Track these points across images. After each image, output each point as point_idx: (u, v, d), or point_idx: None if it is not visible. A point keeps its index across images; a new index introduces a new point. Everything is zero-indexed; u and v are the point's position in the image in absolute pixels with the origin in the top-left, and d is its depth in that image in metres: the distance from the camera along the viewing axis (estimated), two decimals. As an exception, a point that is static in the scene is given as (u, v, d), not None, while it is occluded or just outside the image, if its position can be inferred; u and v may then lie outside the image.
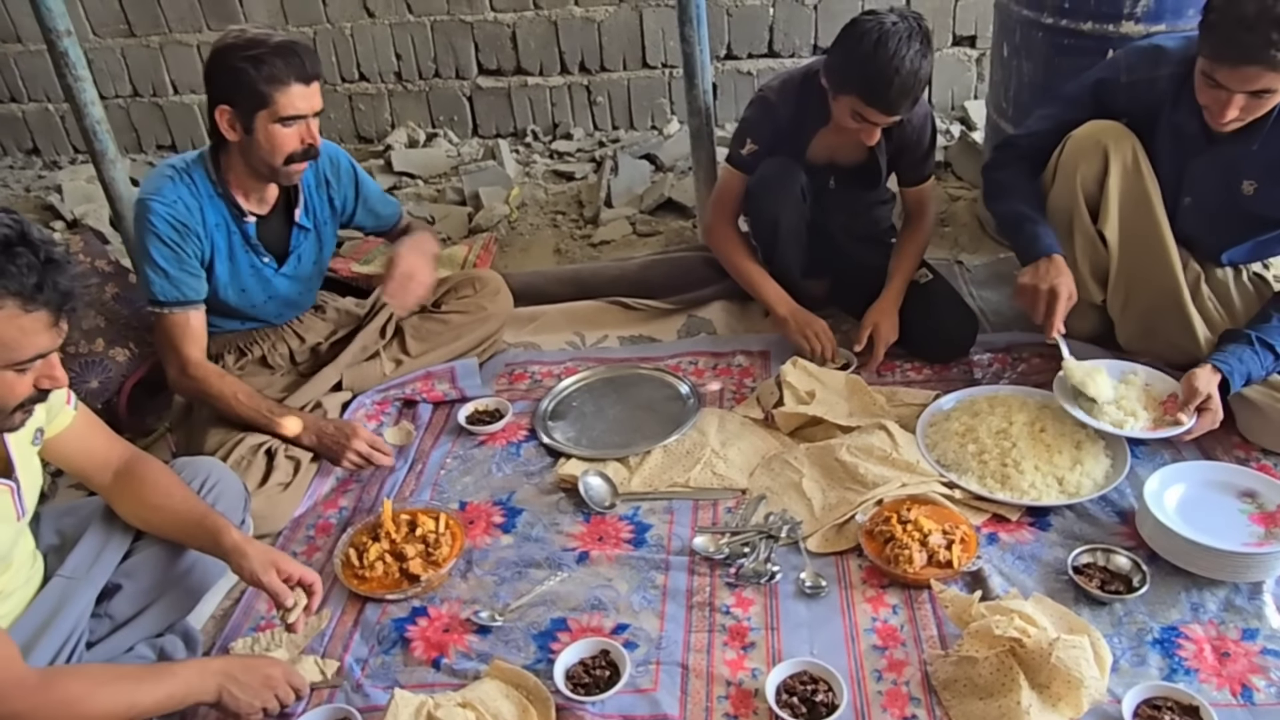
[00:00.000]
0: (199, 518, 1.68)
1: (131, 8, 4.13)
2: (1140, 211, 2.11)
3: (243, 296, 2.26)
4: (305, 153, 2.07)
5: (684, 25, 2.58)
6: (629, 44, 4.00)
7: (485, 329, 2.58)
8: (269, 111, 2.00)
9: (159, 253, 2.08)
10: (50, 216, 3.89)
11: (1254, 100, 1.83)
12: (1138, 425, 1.98)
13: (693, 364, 2.55)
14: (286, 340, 2.41)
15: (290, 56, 1.99)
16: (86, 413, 1.70)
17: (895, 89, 2.09)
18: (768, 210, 2.46)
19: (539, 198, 3.66)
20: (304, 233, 2.29)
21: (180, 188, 2.09)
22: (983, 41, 3.82)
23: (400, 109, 4.25)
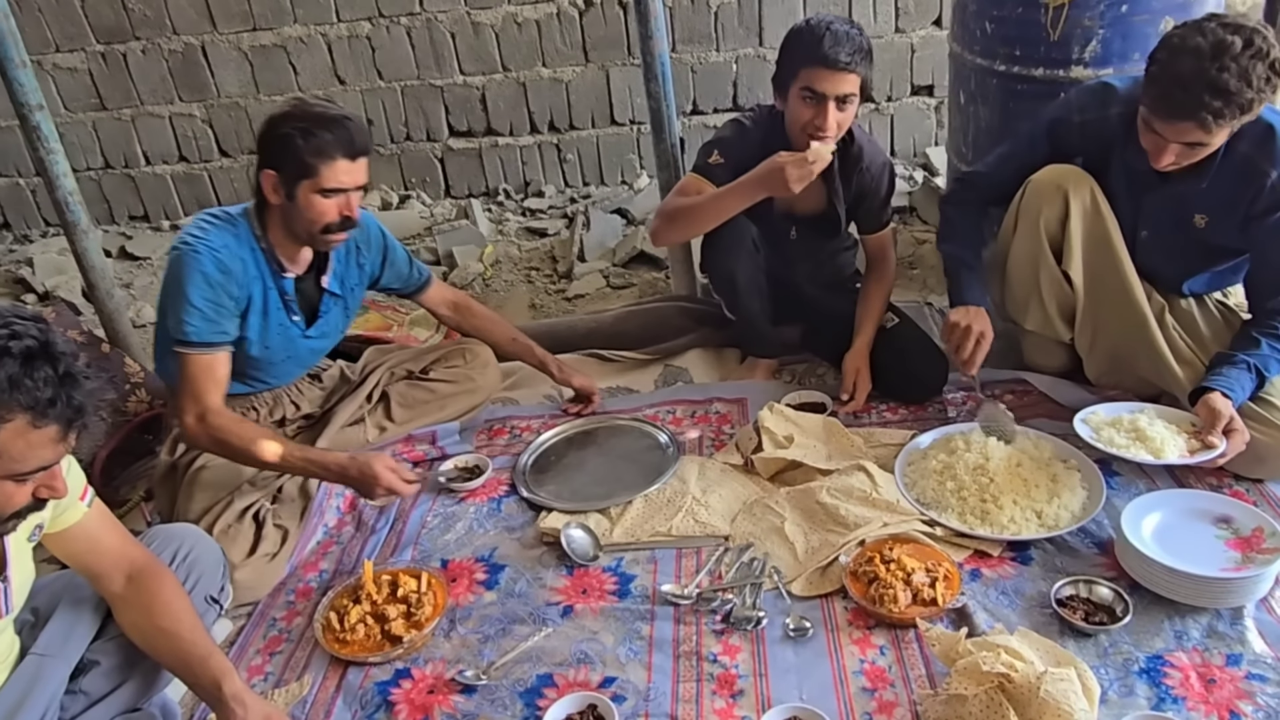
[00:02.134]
0: (203, 656, 1.60)
1: (103, 81, 4.16)
2: (1102, 250, 2.17)
3: (265, 353, 2.24)
4: (343, 224, 2.09)
5: (650, 82, 2.64)
6: (596, 102, 4.08)
7: (471, 400, 2.58)
8: (312, 182, 2.02)
9: (200, 292, 2.04)
10: (22, 290, 3.87)
11: (1189, 149, 1.91)
12: (1174, 453, 1.96)
13: (671, 413, 2.56)
14: (283, 406, 2.41)
15: (340, 131, 2.01)
16: (102, 510, 1.63)
17: (830, 40, 2.15)
18: (723, 265, 2.50)
19: (513, 255, 3.69)
20: (334, 299, 2.30)
21: (226, 235, 2.09)
22: (940, 90, 3.92)
23: (373, 172, 4.24)
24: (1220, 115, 1.79)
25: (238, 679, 1.59)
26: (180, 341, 2.06)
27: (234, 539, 2.05)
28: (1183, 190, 2.06)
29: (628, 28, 3.88)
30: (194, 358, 2.07)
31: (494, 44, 3.99)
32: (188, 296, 2.04)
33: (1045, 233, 2.19)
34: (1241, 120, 1.84)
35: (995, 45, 2.62)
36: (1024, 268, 2.26)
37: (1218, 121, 1.80)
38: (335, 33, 4.02)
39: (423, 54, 4.03)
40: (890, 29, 3.85)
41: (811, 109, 2.23)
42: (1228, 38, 1.78)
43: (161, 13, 4.01)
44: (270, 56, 4.07)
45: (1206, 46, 1.78)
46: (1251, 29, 1.80)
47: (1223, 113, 1.79)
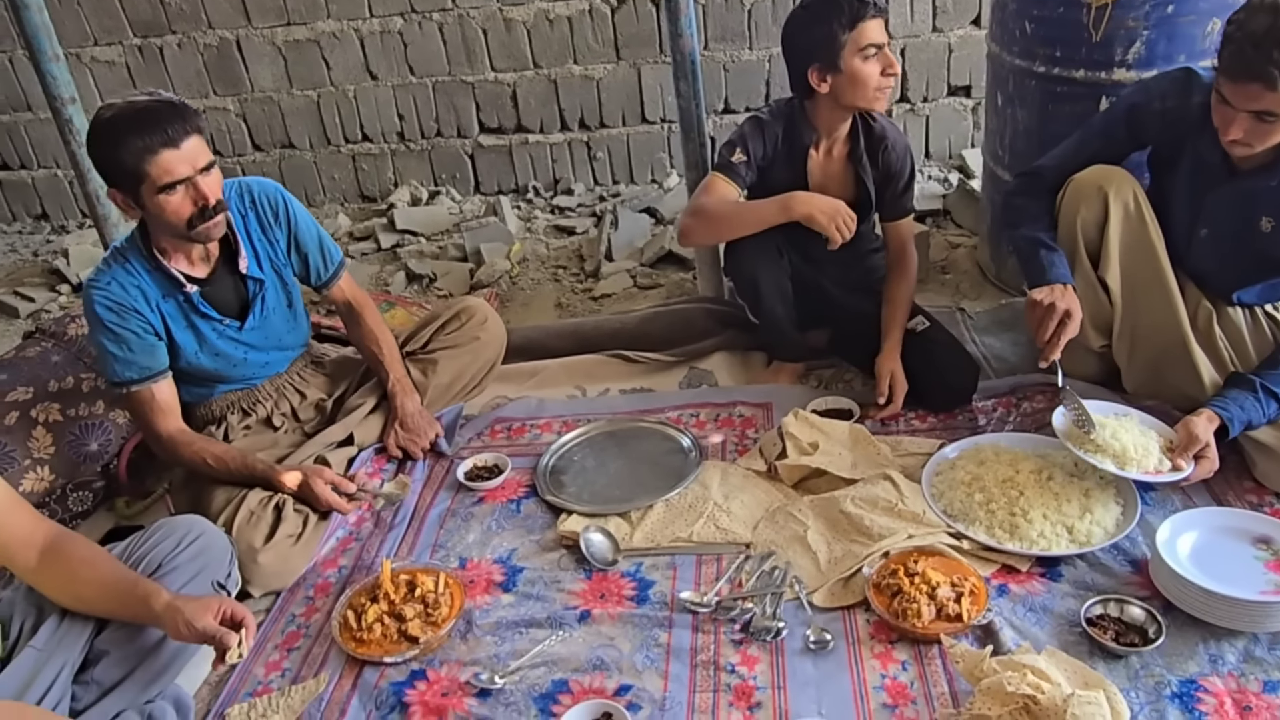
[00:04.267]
0: (130, 585, 1.63)
1: (139, 74, 4.20)
2: (1143, 258, 2.10)
3: (219, 360, 2.23)
4: (203, 212, 1.98)
5: (680, 81, 2.61)
6: (627, 100, 4.05)
7: (482, 358, 2.55)
8: (149, 185, 1.92)
9: (105, 337, 2.08)
10: (56, 280, 3.92)
11: (1259, 124, 1.81)
12: (1139, 469, 1.93)
13: (694, 416, 2.53)
14: (288, 397, 2.40)
15: (150, 125, 1.89)
16: (6, 489, 1.63)
17: None
18: (745, 269, 2.47)
19: (540, 253, 3.68)
20: (257, 283, 2.23)
21: (116, 269, 2.08)
22: (977, 91, 3.85)
23: (403, 168, 4.30)
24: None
25: (165, 592, 1.63)
26: (112, 383, 2.12)
27: (255, 525, 2.06)
28: (1252, 188, 1.97)
29: (660, 25, 3.85)
30: (130, 396, 2.13)
31: (525, 40, 3.98)
32: (99, 344, 2.09)
33: (1082, 236, 2.12)
34: None
35: (1035, 46, 2.55)
36: None
37: None
38: (368, 28, 4.02)
39: (454, 50, 4.03)
40: (928, 28, 3.79)
41: (876, 63, 2.24)
42: None
43: (197, 7, 4.03)
44: (303, 51, 4.09)
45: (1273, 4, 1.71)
46: None
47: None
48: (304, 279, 2.36)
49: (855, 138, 2.42)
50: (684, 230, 2.44)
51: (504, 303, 3.32)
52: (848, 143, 2.43)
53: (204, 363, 2.21)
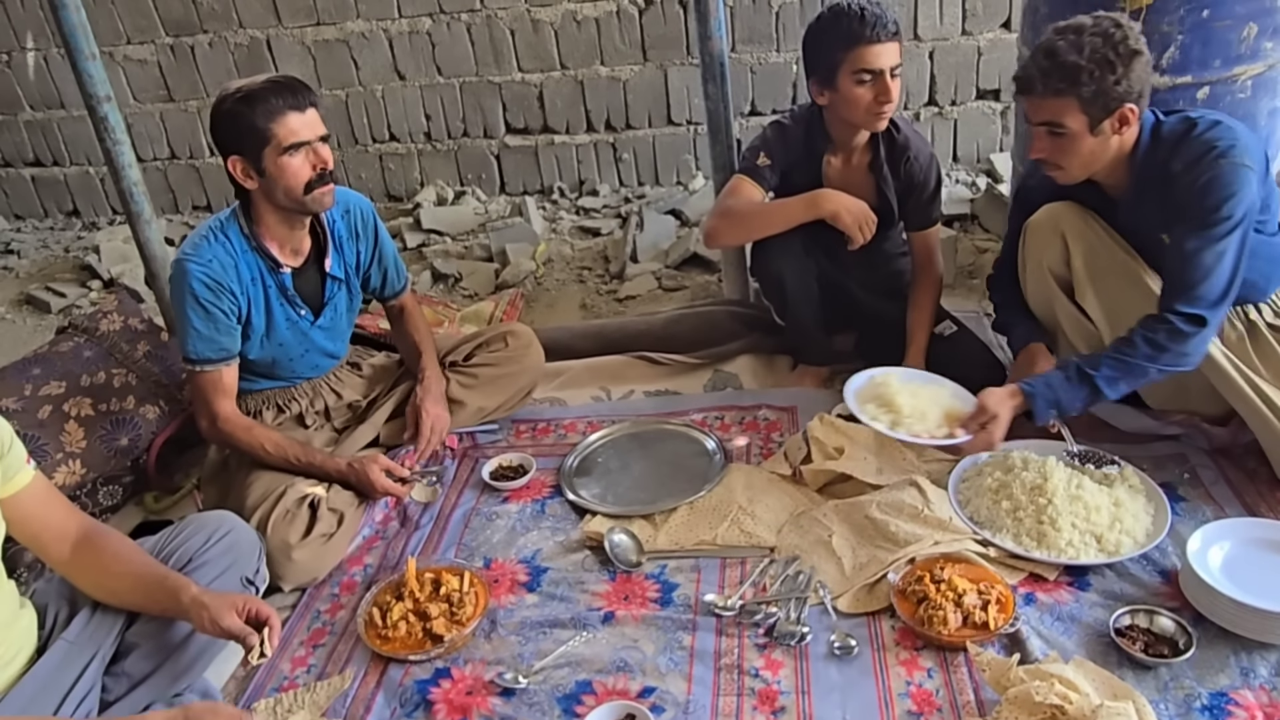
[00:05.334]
0: (159, 579, 1.65)
1: (171, 74, 4.25)
2: (1116, 278, 2.09)
3: (280, 350, 2.28)
4: (321, 177, 2.09)
5: (708, 83, 2.60)
6: (654, 102, 4.06)
7: (519, 383, 2.57)
8: (274, 146, 2.03)
9: (194, 312, 2.11)
10: (88, 276, 3.97)
11: (1054, 139, 1.90)
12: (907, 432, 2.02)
13: (719, 419, 2.53)
14: (324, 396, 2.43)
15: (281, 89, 2.02)
16: (44, 479, 1.66)
17: (867, 16, 2.18)
18: (772, 270, 2.48)
19: (565, 254, 3.69)
20: (337, 283, 2.32)
21: (215, 246, 2.13)
22: (1006, 95, 3.83)
23: (429, 168, 4.32)
24: (1047, 78, 1.81)
25: (193, 586, 1.65)
26: (186, 359, 2.15)
27: (291, 522, 2.09)
28: (1131, 208, 2.03)
29: (687, 27, 3.85)
30: (199, 374, 2.17)
31: (553, 42, 3.99)
32: (185, 318, 2.12)
33: (1052, 274, 2.18)
34: (1077, 92, 1.82)
35: (1067, 50, 2.53)
36: (1041, 309, 2.25)
37: (1045, 83, 1.81)
38: (396, 28, 4.05)
39: (482, 51, 4.05)
40: (957, 31, 3.77)
41: (870, 88, 2.24)
42: (1085, 20, 1.82)
43: (229, 6, 4.07)
44: (333, 50, 4.12)
45: (1067, 24, 1.84)
46: (1114, 19, 1.84)
47: (1049, 76, 1.81)
48: (376, 289, 2.46)
49: (876, 147, 2.40)
50: (710, 231, 2.46)
51: (529, 303, 3.33)
52: (868, 151, 2.42)
53: (264, 352, 2.26)
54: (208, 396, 2.18)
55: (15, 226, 4.66)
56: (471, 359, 2.54)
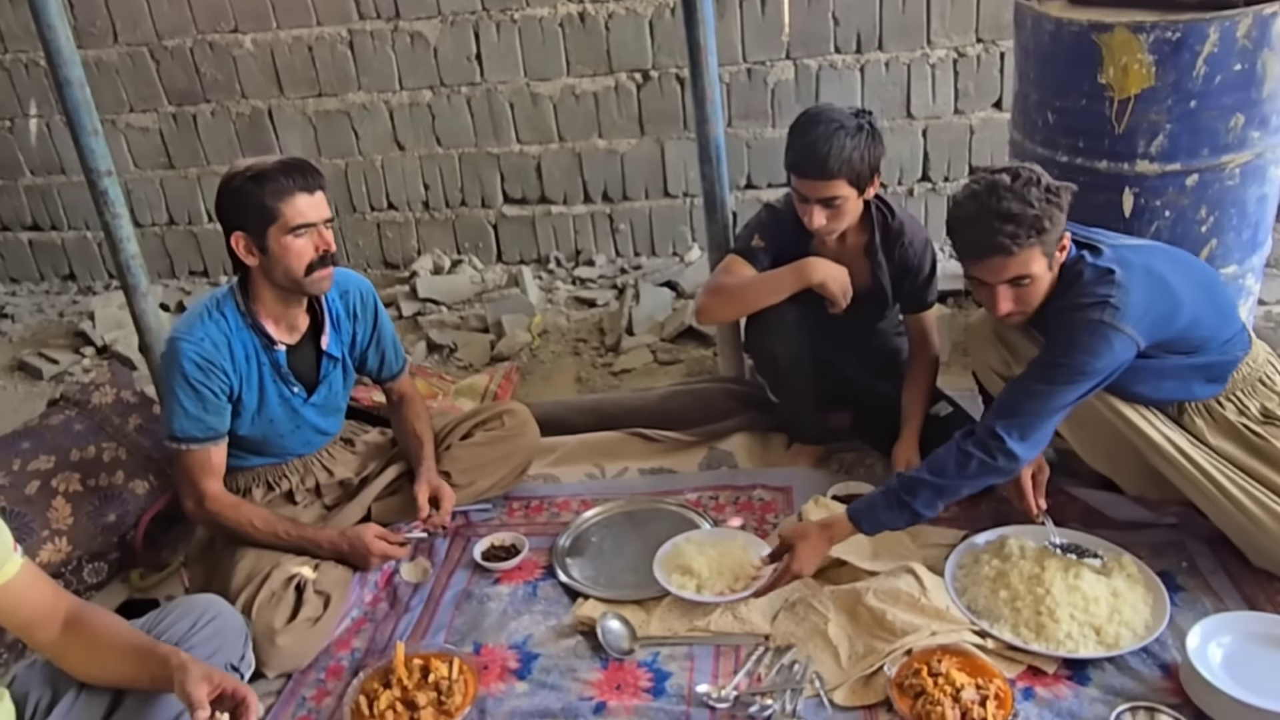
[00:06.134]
0: (149, 647, 1.61)
1: (172, 142, 4.29)
2: None
3: (270, 427, 2.26)
4: (323, 259, 2.10)
5: (704, 164, 2.64)
6: (650, 174, 4.10)
7: (514, 461, 2.56)
8: (279, 225, 2.04)
9: (183, 392, 2.10)
10: (81, 342, 3.96)
11: (1018, 289, 1.94)
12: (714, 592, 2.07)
13: (714, 499, 2.51)
14: (315, 473, 2.41)
15: (291, 170, 2.06)
16: (32, 565, 1.61)
17: (808, 151, 2.19)
18: (765, 346, 2.48)
19: (561, 325, 3.69)
20: (333, 362, 2.31)
21: (209, 325, 2.13)
22: (998, 172, 3.87)
23: (427, 236, 4.35)
24: (1016, 237, 1.86)
25: (183, 653, 1.59)
26: (171, 437, 2.13)
27: (276, 606, 2.05)
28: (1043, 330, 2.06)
29: (684, 102, 3.91)
30: (186, 454, 2.14)
31: (551, 115, 4.05)
32: (173, 397, 2.10)
33: (998, 375, 2.23)
34: (1044, 240, 1.89)
35: (1057, 136, 2.57)
36: None
37: (1016, 243, 1.87)
38: (397, 100, 4.10)
39: (481, 123, 4.10)
40: (949, 110, 3.83)
41: (802, 207, 2.27)
42: (995, 177, 1.91)
43: (232, 77, 4.13)
44: (333, 121, 4.17)
45: (981, 189, 1.90)
46: (1017, 166, 1.93)
47: (1017, 234, 1.86)
48: (373, 372, 2.45)
49: (870, 230, 2.41)
50: (702, 308, 2.48)
51: (524, 376, 3.33)
52: (862, 234, 2.42)
53: (254, 429, 2.24)
54: (194, 476, 2.15)
55: (10, 290, 4.66)
56: (469, 438, 2.53)
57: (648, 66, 3.92)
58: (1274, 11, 2.28)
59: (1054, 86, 2.54)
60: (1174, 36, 2.30)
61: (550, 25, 3.89)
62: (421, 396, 2.60)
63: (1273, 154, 2.48)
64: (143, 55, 4.14)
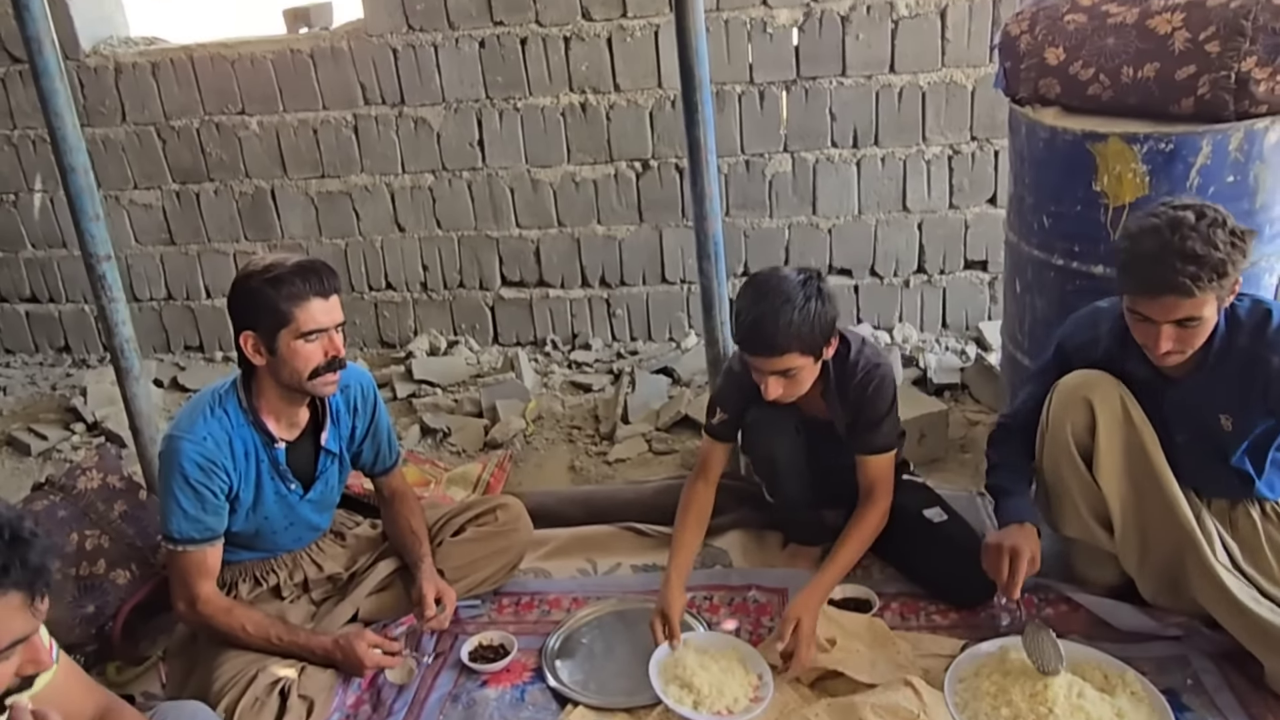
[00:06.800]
0: None
1: (174, 219, 4.32)
2: (1138, 460, 2.10)
3: (264, 524, 2.23)
4: (330, 364, 2.09)
5: (702, 260, 2.65)
6: (648, 260, 4.13)
7: (506, 557, 2.51)
8: (291, 329, 2.03)
9: (182, 492, 2.06)
10: (72, 418, 3.93)
11: (1183, 330, 1.89)
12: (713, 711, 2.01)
13: (707, 599, 2.46)
14: (304, 568, 2.37)
15: (308, 274, 2.04)
16: (67, 662, 1.61)
17: (753, 332, 2.12)
18: (763, 445, 2.46)
19: (556, 411, 3.67)
20: (331, 457, 2.29)
21: (212, 422, 2.10)
22: (993, 266, 3.91)
23: (424, 316, 4.35)
24: (1198, 279, 1.80)
25: None
26: (168, 538, 2.09)
27: (259, 712, 1.99)
28: (1193, 390, 2.03)
29: (682, 191, 3.95)
30: (182, 555, 2.10)
31: (551, 200, 4.09)
32: (171, 497, 2.06)
33: (1073, 440, 2.15)
34: (1223, 285, 1.84)
35: (1053, 240, 2.60)
36: (1054, 475, 2.20)
37: (1197, 285, 1.81)
38: (399, 183, 4.15)
39: (481, 206, 4.14)
40: (944, 204, 3.88)
41: (757, 376, 2.19)
42: (1179, 214, 1.84)
43: (237, 158, 4.18)
44: (335, 202, 4.21)
45: (1163, 224, 1.84)
46: (1200, 204, 1.86)
47: (1199, 276, 1.80)
48: (366, 465, 2.42)
49: (826, 375, 2.28)
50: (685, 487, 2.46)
51: (517, 463, 3.30)
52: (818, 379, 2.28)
53: (247, 526, 2.20)
54: (189, 579, 2.11)
55: (4, 361, 4.64)
56: (461, 534, 2.49)
57: (647, 156, 3.97)
58: (1265, 126, 2.33)
59: (1049, 192, 2.57)
60: (1167, 148, 2.34)
61: (552, 114, 3.95)
62: (414, 491, 2.56)
63: (1267, 262, 2.50)
64: (149, 134, 4.19)
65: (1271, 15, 2.26)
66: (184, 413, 2.14)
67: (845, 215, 3.95)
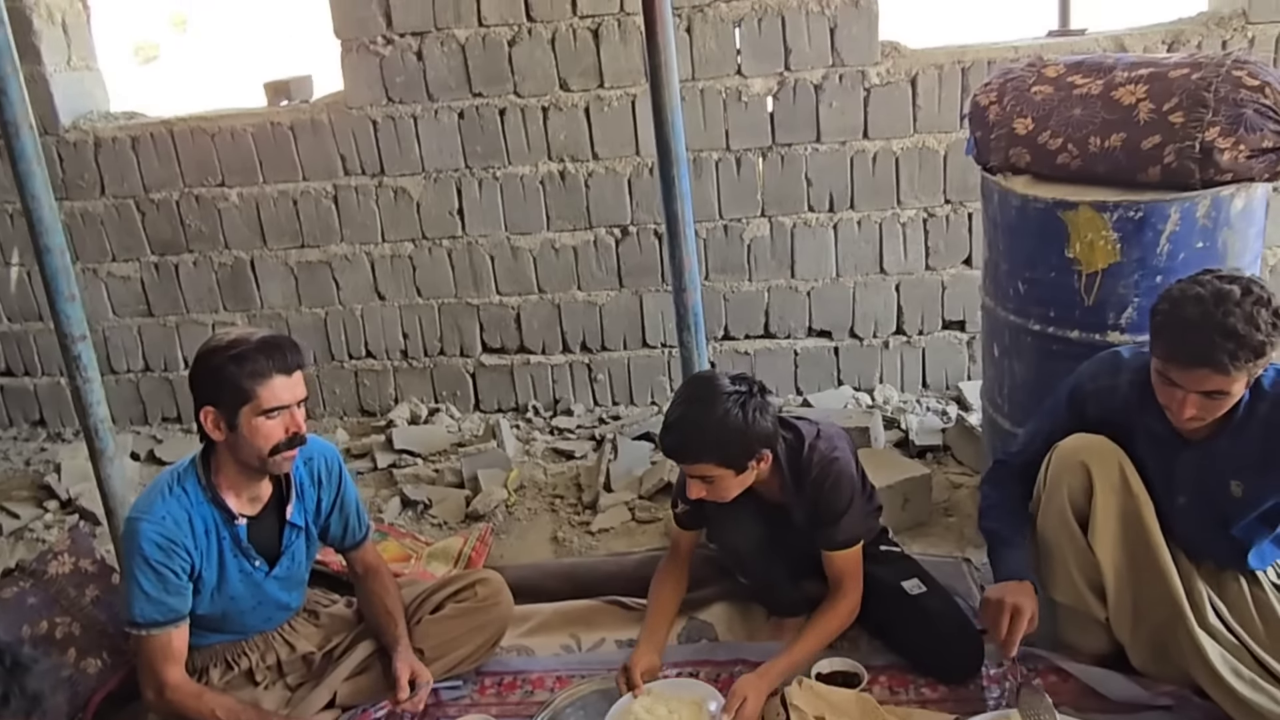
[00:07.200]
0: None
1: (152, 290, 4.31)
2: (1134, 529, 2.09)
3: (230, 604, 2.19)
4: (290, 441, 2.07)
5: (682, 331, 2.66)
6: (629, 325, 4.14)
7: (487, 634, 2.47)
8: (252, 406, 2.01)
9: (143, 574, 2.03)
10: (45, 495, 3.86)
11: (1209, 400, 1.88)
12: None
13: (693, 675, 2.42)
14: (276, 649, 2.32)
15: (272, 351, 2.03)
16: None
17: (665, 430, 2.17)
18: (725, 538, 2.47)
19: (538, 479, 3.64)
20: (296, 531, 2.25)
21: (170, 502, 2.08)
22: (971, 325, 3.94)
23: (404, 384, 4.33)
24: (1235, 357, 1.79)
25: None
26: (131, 622, 2.05)
27: None
28: (1210, 452, 2.01)
29: (662, 256, 3.98)
30: (146, 640, 2.06)
31: (531, 267, 4.10)
32: (133, 580, 2.04)
33: (1070, 504, 2.13)
34: (1258, 365, 1.83)
35: (1029, 305, 2.62)
36: (1049, 539, 2.18)
37: (1234, 364, 1.79)
38: (379, 252, 4.16)
39: (461, 274, 4.15)
40: (921, 266, 3.92)
41: None
42: (1225, 287, 1.82)
43: (216, 229, 4.18)
44: (315, 271, 4.21)
45: (1208, 295, 1.82)
46: (1247, 279, 1.84)
47: (1237, 354, 1.78)
48: (335, 540, 2.38)
49: (782, 473, 2.28)
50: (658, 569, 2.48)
51: (499, 535, 3.26)
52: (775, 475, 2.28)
53: (213, 607, 2.16)
54: (155, 664, 2.07)
55: (-22, 436, 4.59)
56: (440, 610, 2.44)
57: (626, 222, 4.00)
58: (1231, 193, 2.37)
59: (1023, 259, 2.60)
60: (1137, 215, 2.37)
61: (531, 182, 3.99)
62: (388, 567, 2.52)
63: (1239, 325, 2.52)
64: (128, 207, 4.19)
65: (1232, 87, 2.32)
66: (144, 494, 2.13)
67: (823, 278, 3.98)
